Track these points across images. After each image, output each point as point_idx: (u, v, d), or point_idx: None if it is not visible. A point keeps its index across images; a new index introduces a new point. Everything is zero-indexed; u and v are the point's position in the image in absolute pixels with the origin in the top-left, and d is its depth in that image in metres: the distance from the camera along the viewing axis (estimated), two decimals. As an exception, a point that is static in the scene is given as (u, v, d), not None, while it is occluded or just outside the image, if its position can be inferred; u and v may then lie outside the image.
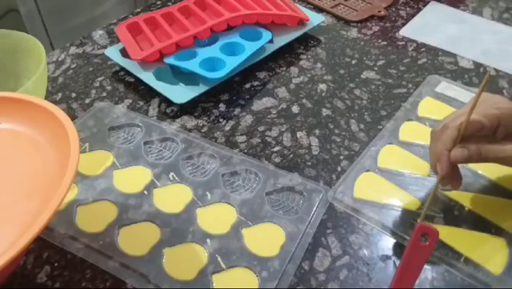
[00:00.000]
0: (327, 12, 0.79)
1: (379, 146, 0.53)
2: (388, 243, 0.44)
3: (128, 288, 0.40)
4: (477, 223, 0.45)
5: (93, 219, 0.45)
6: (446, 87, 0.62)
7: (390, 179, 0.49)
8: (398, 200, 0.47)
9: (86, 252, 0.42)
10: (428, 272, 0.41)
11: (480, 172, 0.50)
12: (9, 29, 0.57)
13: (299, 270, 0.41)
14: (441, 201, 0.47)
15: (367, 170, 0.50)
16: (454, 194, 0.47)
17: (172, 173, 0.49)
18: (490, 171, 0.50)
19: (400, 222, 0.45)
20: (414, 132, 0.55)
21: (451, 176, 0.42)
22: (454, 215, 0.46)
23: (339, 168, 0.51)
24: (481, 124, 0.40)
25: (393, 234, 0.44)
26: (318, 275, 0.41)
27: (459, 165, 0.42)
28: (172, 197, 0.47)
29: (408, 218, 0.45)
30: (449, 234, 0.44)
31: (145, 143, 0.53)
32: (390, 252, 0.43)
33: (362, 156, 0.52)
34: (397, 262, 0.42)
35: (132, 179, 0.49)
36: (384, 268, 0.42)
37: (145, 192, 0.47)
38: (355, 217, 0.46)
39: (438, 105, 0.59)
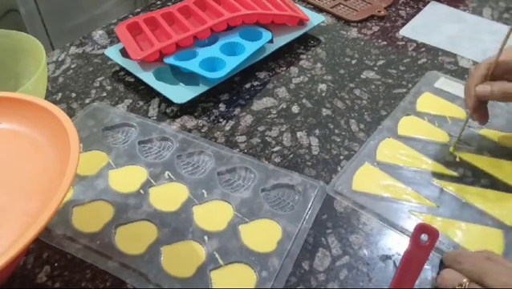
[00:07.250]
0: (327, 12, 0.79)
1: (377, 140, 0.53)
2: (388, 243, 0.44)
3: (128, 288, 0.40)
4: (475, 215, 0.45)
5: (89, 219, 0.45)
6: (445, 82, 0.62)
7: (388, 172, 0.50)
8: (396, 193, 0.47)
9: (84, 252, 0.42)
10: (428, 272, 0.41)
11: (480, 166, 0.50)
12: (9, 29, 0.57)
13: (299, 270, 0.41)
14: (441, 194, 0.47)
15: (366, 163, 0.50)
16: (453, 187, 0.48)
17: (167, 172, 0.49)
18: (489, 166, 0.50)
19: (399, 215, 0.45)
20: (412, 127, 0.55)
21: (479, 112, 0.45)
22: (452, 207, 0.46)
23: (339, 169, 0.51)
24: (509, 65, 0.43)
25: (391, 226, 0.44)
26: (318, 275, 0.41)
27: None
28: (169, 196, 0.47)
29: (406, 211, 0.46)
30: (447, 226, 0.44)
31: (140, 142, 0.53)
32: (390, 252, 0.43)
33: (361, 149, 0.52)
34: (397, 262, 0.42)
35: (127, 178, 0.49)
36: (383, 268, 0.42)
37: (141, 191, 0.47)
38: (355, 217, 0.46)
39: (437, 100, 0.59)
